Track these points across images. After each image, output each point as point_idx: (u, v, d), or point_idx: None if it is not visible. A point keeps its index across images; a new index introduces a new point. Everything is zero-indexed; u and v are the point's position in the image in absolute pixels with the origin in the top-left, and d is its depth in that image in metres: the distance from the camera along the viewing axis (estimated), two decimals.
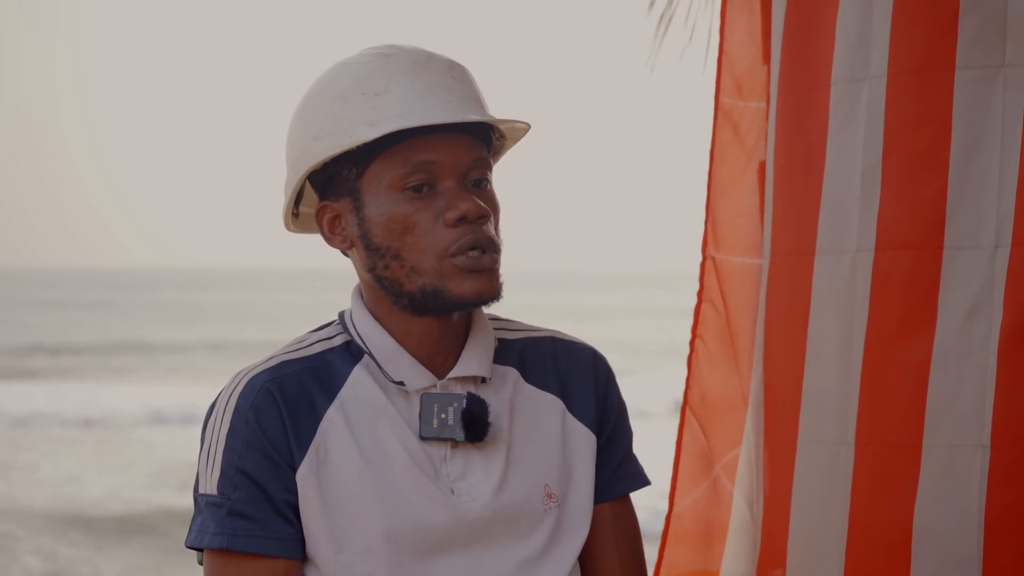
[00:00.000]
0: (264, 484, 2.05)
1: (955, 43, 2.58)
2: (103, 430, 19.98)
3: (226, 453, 2.06)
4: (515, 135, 2.19)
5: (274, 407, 2.06)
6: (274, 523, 2.05)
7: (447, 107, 2.06)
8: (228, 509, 2.05)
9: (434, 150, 2.06)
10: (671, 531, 2.96)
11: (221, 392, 2.11)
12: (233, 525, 2.04)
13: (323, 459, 2.06)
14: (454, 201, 2.06)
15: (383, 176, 2.07)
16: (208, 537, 2.06)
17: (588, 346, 2.25)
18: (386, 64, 2.08)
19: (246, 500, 2.04)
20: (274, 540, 2.05)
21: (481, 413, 2.10)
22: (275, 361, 2.11)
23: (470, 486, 2.11)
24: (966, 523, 2.55)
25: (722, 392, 2.95)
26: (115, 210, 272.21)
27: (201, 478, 2.08)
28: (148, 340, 34.52)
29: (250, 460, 2.05)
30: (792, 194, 2.78)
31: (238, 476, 2.05)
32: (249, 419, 2.05)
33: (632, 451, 2.25)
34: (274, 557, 2.05)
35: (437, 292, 2.06)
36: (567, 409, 2.19)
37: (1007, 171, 2.55)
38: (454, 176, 2.07)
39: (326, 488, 2.06)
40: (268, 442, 2.05)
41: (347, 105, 2.07)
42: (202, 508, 2.07)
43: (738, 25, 2.97)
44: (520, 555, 2.12)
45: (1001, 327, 2.54)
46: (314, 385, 2.09)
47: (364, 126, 2.05)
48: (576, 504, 2.17)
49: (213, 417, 2.09)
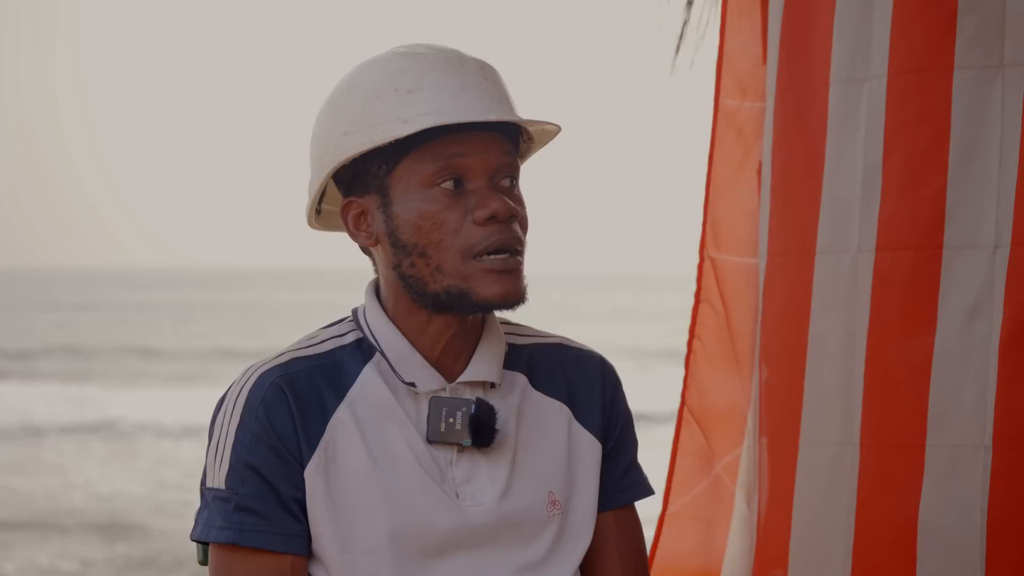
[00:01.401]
0: (272, 480, 2.05)
1: (954, 43, 2.58)
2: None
3: (235, 448, 2.05)
4: (542, 138, 2.19)
5: (284, 403, 2.06)
6: (281, 519, 2.05)
7: (479, 106, 2.06)
8: (236, 504, 2.04)
9: (465, 148, 2.06)
10: (664, 531, 2.96)
11: (231, 386, 2.11)
12: (240, 520, 2.04)
13: (331, 457, 2.06)
14: (484, 200, 2.05)
15: (413, 173, 2.06)
16: (215, 531, 2.05)
17: (596, 354, 2.24)
18: (419, 62, 2.08)
19: (254, 495, 2.04)
20: (281, 536, 2.05)
21: (489, 419, 2.09)
22: (286, 358, 2.10)
23: (475, 491, 2.10)
24: (969, 524, 2.56)
25: (722, 392, 2.95)
26: (115, 210, 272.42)
27: (209, 472, 2.08)
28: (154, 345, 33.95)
29: (259, 455, 2.05)
30: (791, 194, 2.79)
31: (246, 471, 2.05)
32: (259, 414, 2.05)
33: (637, 460, 2.25)
34: (280, 553, 2.05)
35: (463, 294, 2.06)
36: (574, 417, 2.18)
37: (1006, 170, 2.55)
38: (484, 175, 2.07)
39: (333, 487, 2.06)
40: (277, 438, 2.05)
41: (379, 102, 2.06)
42: (209, 502, 2.07)
43: (738, 25, 2.97)
44: (522, 561, 2.12)
45: (1001, 327, 2.55)
46: (324, 383, 2.09)
47: (397, 122, 2.04)
48: (579, 512, 2.17)
49: (222, 412, 2.09)
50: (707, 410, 2.96)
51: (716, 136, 2.98)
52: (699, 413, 2.96)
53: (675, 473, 2.95)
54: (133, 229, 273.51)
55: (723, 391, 2.95)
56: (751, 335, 2.91)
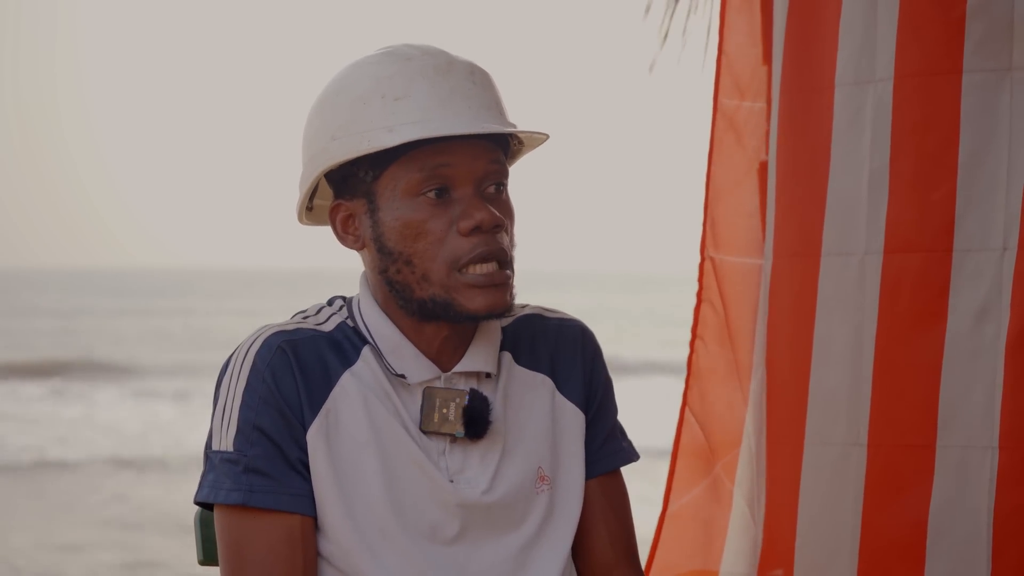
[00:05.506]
0: (279, 441, 2.07)
1: (962, 46, 2.59)
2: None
3: (242, 410, 2.07)
4: (533, 142, 2.19)
5: (288, 366, 2.08)
6: (290, 479, 2.07)
7: (468, 115, 2.06)
8: (244, 465, 2.06)
9: (452, 158, 2.07)
10: (665, 531, 2.96)
11: (237, 349, 2.12)
12: (250, 481, 2.06)
13: (333, 423, 2.09)
14: (469, 210, 2.06)
15: (399, 180, 2.07)
16: (224, 493, 2.07)
17: (576, 321, 2.26)
18: (407, 67, 2.08)
19: (262, 456, 2.06)
20: (290, 496, 2.07)
21: (483, 411, 2.11)
22: (293, 326, 2.13)
23: (468, 479, 2.12)
24: (976, 525, 2.57)
25: (722, 392, 2.96)
26: (115, 210, 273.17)
27: (215, 435, 2.09)
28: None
29: (266, 417, 2.06)
30: (796, 196, 2.79)
31: (255, 433, 2.06)
32: (266, 377, 2.07)
33: (619, 426, 2.26)
34: (290, 512, 2.07)
35: (447, 305, 2.08)
36: (556, 388, 2.20)
37: (1015, 174, 2.57)
38: (471, 183, 2.08)
39: (335, 452, 2.08)
40: (283, 400, 2.07)
41: (366, 108, 2.07)
42: (216, 464, 2.08)
43: (738, 25, 2.98)
44: (518, 540, 2.14)
45: (1008, 329, 2.56)
46: (329, 352, 2.11)
47: (383, 131, 2.05)
48: (568, 483, 2.19)
49: (228, 374, 2.10)
50: (707, 410, 2.97)
51: (716, 136, 2.98)
52: (700, 413, 2.97)
53: (675, 473, 2.96)
54: (133, 229, 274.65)
55: (722, 391, 2.96)
56: (750, 335, 2.91)
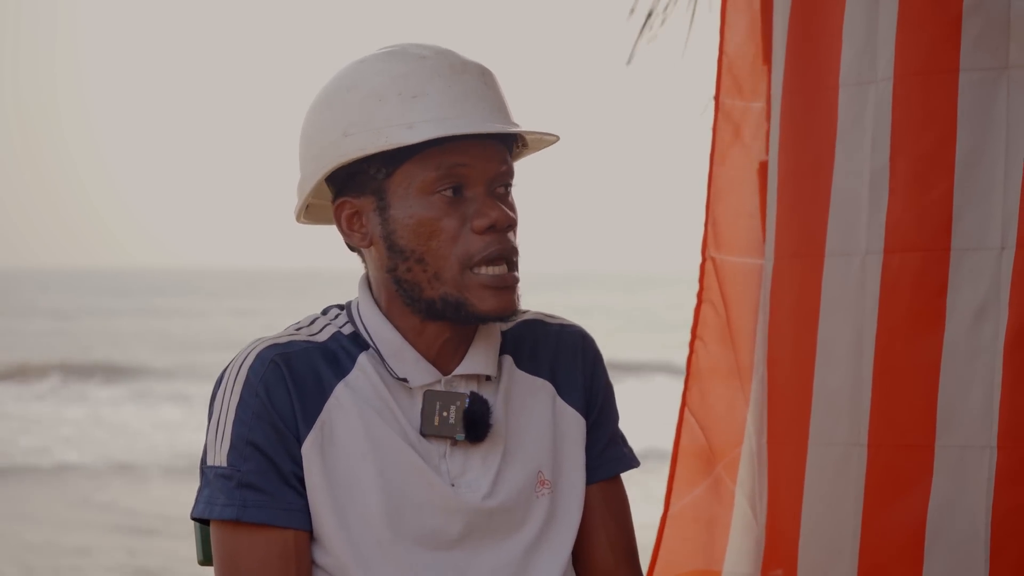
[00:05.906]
0: (273, 456, 2.07)
1: (959, 45, 2.59)
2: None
3: (236, 425, 2.07)
4: (537, 145, 2.20)
5: (282, 380, 2.08)
6: (284, 494, 2.07)
7: (483, 115, 2.07)
8: (238, 480, 2.06)
9: (467, 158, 2.07)
10: (667, 531, 2.96)
11: (230, 364, 2.12)
12: (243, 496, 2.06)
13: (328, 436, 2.09)
14: (483, 209, 2.08)
15: (414, 178, 2.07)
16: (218, 508, 2.07)
17: (576, 327, 2.27)
18: (422, 66, 2.08)
19: (256, 472, 2.06)
20: (284, 511, 2.07)
21: (484, 414, 2.11)
22: (286, 339, 2.12)
23: (468, 482, 2.12)
24: (975, 525, 2.57)
25: (723, 392, 2.95)
26: (115, 210, 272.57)
27: (209, 450, 2.10)
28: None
29: (260, 432, 2.06)
30: (799, 196, 2.79)
31: (248, 448, 2.07)
32: (259, 391, 2.07)
33: (619, 433, 2.27)
34: (284, 528, 2.07)
35: (459, 304, 2.08)
36: (557, 393, 2.21)
37: (1012, 172, 2.56)
38: (483, 183, 2.09)
39: (330, 466, 2.08)
40: (276, 414, 2.07)
41: (382, 104, 2.06)
42: (210, 480, 2.09)
43: (738, 25, 2.97)
44: (518, 544, 2.14)
45: (1007, 328, 2.56)
46: (323, 364, 2.11)
47: (401, 128, 2.05)
48: (568, 488, 2.20)
49: (222, 389, 2.11)
50: (708, 410, 2.96)
51: (716, 136, 2.98)
52: (700, 413, 2.96)
53: (676, 473, 2.95)
54: (133, 229, 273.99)
55: (723, 391, 2.95)
56: (751, 335, 2.91)
